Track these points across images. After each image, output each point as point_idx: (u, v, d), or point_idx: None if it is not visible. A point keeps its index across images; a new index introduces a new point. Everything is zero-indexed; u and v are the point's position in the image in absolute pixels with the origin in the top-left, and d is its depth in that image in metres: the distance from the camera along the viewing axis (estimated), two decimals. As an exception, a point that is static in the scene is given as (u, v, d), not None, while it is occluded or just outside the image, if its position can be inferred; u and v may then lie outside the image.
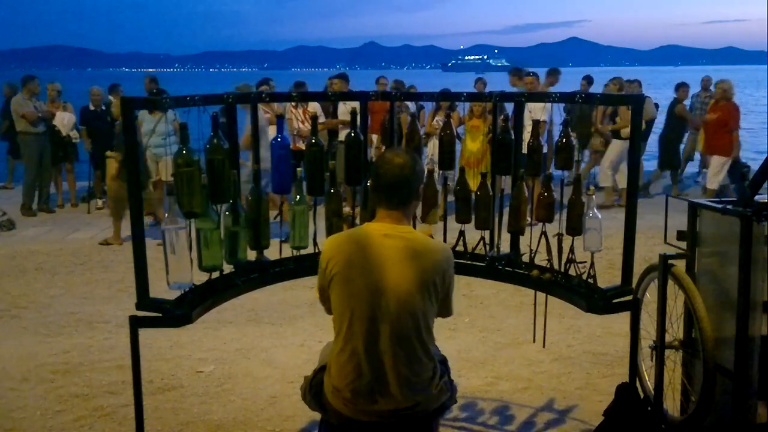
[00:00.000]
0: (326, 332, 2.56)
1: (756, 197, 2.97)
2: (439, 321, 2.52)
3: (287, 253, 3.27)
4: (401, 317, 2.34)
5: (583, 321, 5.12)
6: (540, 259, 3.24)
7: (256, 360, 4.67)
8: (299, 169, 3.23)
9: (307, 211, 3.24)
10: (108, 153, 9.89)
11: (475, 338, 5.03)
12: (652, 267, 3.43)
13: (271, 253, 3.29)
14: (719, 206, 3.11)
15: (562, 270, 3.14)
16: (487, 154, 8.09)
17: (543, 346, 4.10)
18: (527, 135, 3.27)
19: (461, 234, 3.41)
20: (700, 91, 11.39)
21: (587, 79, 11.24)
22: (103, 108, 10.39)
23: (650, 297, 3.48)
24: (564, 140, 3.16)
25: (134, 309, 2.84)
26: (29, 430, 3.75)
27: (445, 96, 3.69)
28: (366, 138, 3.35)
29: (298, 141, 8.63)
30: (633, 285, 3.09)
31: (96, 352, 4.80)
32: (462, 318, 5.43)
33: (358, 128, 3.31)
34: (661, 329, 3.30)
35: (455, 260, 2.56)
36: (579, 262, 3.09)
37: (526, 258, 3.29)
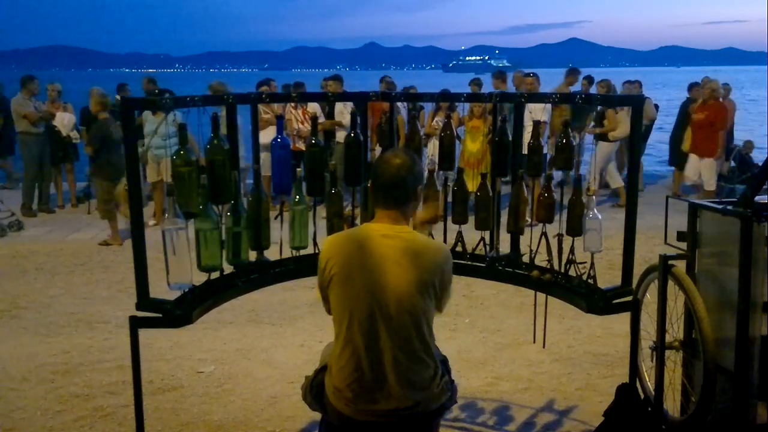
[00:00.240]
0: (326, 332, 2.56)
1: (756, 198, 2.97)
2: (439, 321, 2.52)
3: (287, 254, 3.27)
4: (401, 317, 2.34)
5: (584, 321, 5.12)
6: (540, 260, 3.24)
7: (257, 360, 4.67)
8: (299, 170, 3.23)
9: (307, 212, 3.23)
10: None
11: (476, 339, 5.03)
12: (652, 267, 3.43)
13: (271, 254, 3.29)
14: (719, 207, 3.11)
15: (563, 270, 3.14)
16: (487, 155, 8.08)
17: (543, 347, 4.09)
18: (527, 136, 3.27)
19: (459, 235, 3.40)
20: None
21: (588, 79, 11.24)
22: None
23: (650, 297, 3.48)
24: (564, 141, 3.16)
25: (134, 309, 2.84)
26: (29, 430, 3.75)
27: (445, 97, 3.69)
28: (366, 138, 3.35)
29: (298, 141, 8.64)
30: (633, 285, 3.10)
31: (96, 353, 4.81)
32: (462, 318, 5.43)
33: (358, 128, 3.31)
34: (662, 330, 3.29)
35: (455, 260, 2.56)
36: (579, 263, 3.09)
37: (527, 258, 3.29)
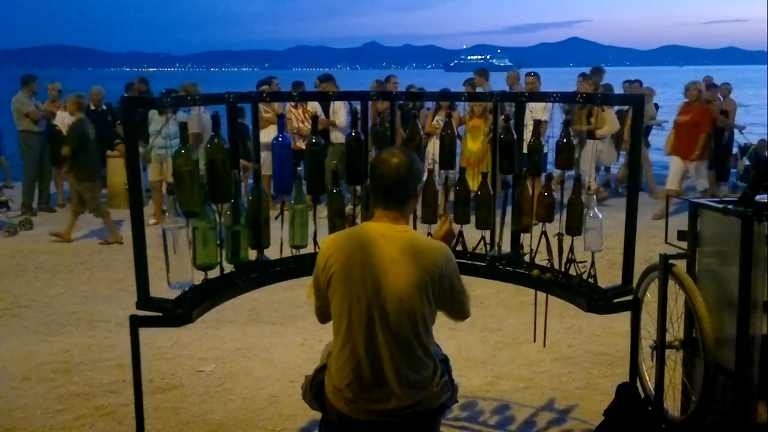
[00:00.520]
0: (327, 331, 2.56)
1: (757, 197, 2.97)
2: (440, 320, 2.51)
3: (287, 253, 3.27)
4: (400, 316, 2.33)
5: (584, 321, 5.12)
6: (540, 259, 3.24)
7: (257, 359, 4.67)
8: (299, 169, 3.23)
9: (307, 211, 3.23)
10: (109, 152, 9.95)
11: (476, 338, 5.03)
12: (653, 267, 3.43)
13: (272, 253, 3.29)
14: (720, 206, 3.11)
15: (563, 270, 3.14)
16: (488, 154, 8.09)
17: (543, 346, 4.09)
18: (528, 135, 3.27)
19: (460, 234, 3.40)
20: (702, 91, 11.45)
21: (583, 77, 11.21)
22: (104, 108, 10.41)
23: (651, 297, 3.48)
24: (564, 140, 3.16)
25: (135, 308, 2.84)
26: (30, 429, 3.75)
27: (446, 96, 3.69)
28: (367, 138, 3.35)
29: (298, 140, 8.64)
30: (633, 285, 3.10)
31: (96, 352, 4.81)
32: (462, 317, 5.43)
33: (359, 128, 3.31)
34: (662, 329, 3.29)
35: (456, 259, 2.55)
36: (579, 262, 3.09)
37: (527, 258, 3.29)
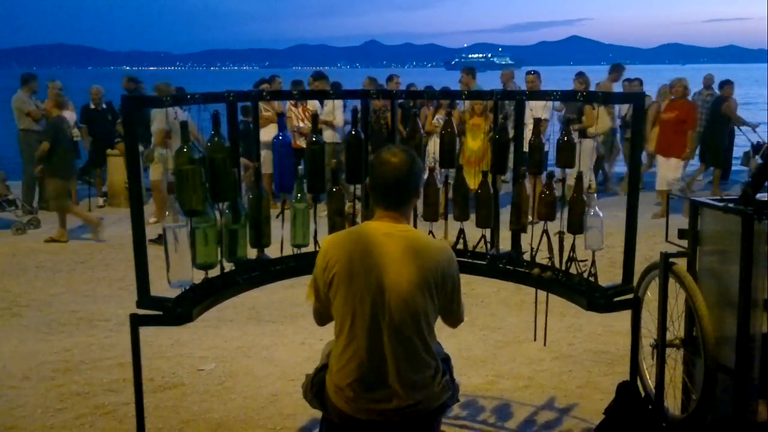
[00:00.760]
0: (327, 330, 2.56)
1: (757, 195, 2.97)
2: (439, 320, 2.51)
3: (288, 251, 3.27)
4: (402, 316, 2.33)
5: (584, 319, 5.12)
6: (541, 258, 3.24)
7: (257, 358, 4.67)
8: (300, 167, 3.23)
9: (308, 209, 3.23)
10: (109, 151, 9.95)
11: (476, 337, 5.03)
12: (653, 265, 3.43)
13: (272, 252, 3.29)
14: (720, 204, 3.11)
15: (563, 268, 3.14)
16: (488, 153, 8.07)
17: (544, 345, 4.09)
18: (528, 133, 3.27)
19: (461, 232, 3.40)
20: (702, 89, 11.43)
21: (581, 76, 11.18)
22: (104, 107, 10.41)
23: (651, 295, 3.48)
24: (565, 138, 3.16)
25: (135, 307, 2.84)
26: (30, 428, 3.75)
27: (446, 94, 3.69)
28: (367, 136, 3.35)
29: (299, 139, 8.64)
30: (634, 283, 3.09)
31: (97, 351, 4.81)
32: (463, 316, 5.43)
33: (359, 126, 3.30)
34: (662, 328, 3.29)
35: (456, 258, 2.55)
36: (580, 261, 3.09)
37: (527, 256, 3.29)
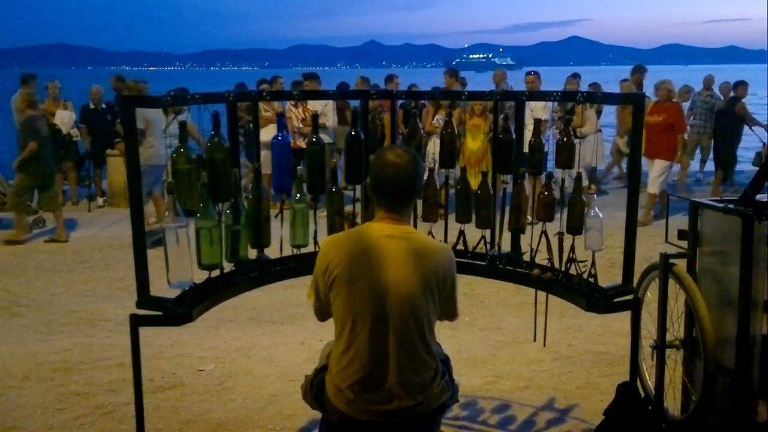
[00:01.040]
0: (327, 331, 2.56)
1: (757, 196, 2.97)
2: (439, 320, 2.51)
3: (288, 252, 3.27)
4: (404, 318, 2.33)
5: (584, 320, 5.12)
6: (541, 258, 3.24)
7: (257, 358, 4.67)
8: (299, 168, 3.22)
9: (308, 210, 3.23)
10: (108, 151, 9.95)
11: (476, 337, 5.03)
12: (653, 266, 3.43)
13: (272, 252, 3.29)
14: (720, 205, 3.11)
15: (563, 269, 3.13)
16: (488, 153, 8.08)
17: (543, 345, 4.09)
18: (528, 134, 3.26)
19: (461, 233, 3.40)
20: (702, 90, 11.42)
21: (575, 77, 11.15)
22: (104, 106, 10.41)
23: (651, 296, 3.48)
24: (565, 139, 3.16)
25: (135, 307, 2.83)
26: (30, 429, 3.75)
27: (446, 94, 3.69)
28: (367, 136, 3.34)
29: (298, 139, 8.64)
30: (634, 284, 3.09)
31: (96, 351, 4.80)
32: (462, 317, 5.43)
33: (359, 127, 3.30)
34: (662, 328, 3.29)
35: (456, 259, 2.55)
36: (580, 261, 3.08)
37: (527, 257, 3.29)
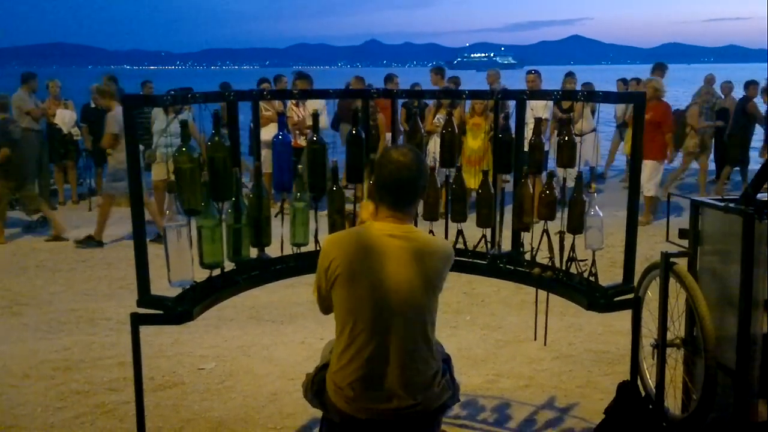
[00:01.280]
0: (327, 329, 2.56)
1: (758, 195, 2.97)
2: (440, 319, 2.51)
3: (288, 251, 3.27)
4: (406, 317, 2.33)
5: (584, 319, 5.11)
6: (541, 257, 3.24)
7: (257, 357, 4.67)
8: (300, 167, 3.22)
9: (308, 209, 3.23)
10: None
11: (476, 336, 5.03)
12: (654, 265, 3.43)
13: (272, 251, 3.29)
14: (721, 204, 3.11)
15: (564, 268, 3.13)
16: (489, 152, 8.07)
17: (544, 344, 4.09)
18: (529, 133, 3.26)
19: (459, 233, 3.40)
20: (702, 89, 11.38)
21: (570, 75, 11.04)
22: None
23: (651, 295, 3.48)
24: (566, 138, 3.16)
25: (135, 306, 2.84)
26: (30, 427, 3.75)
27: (447, 93, 3.69)
28: (368, 136, 3.34)
29: (299, 138, 8.64)
30: (634, 283, 3.09)
31: (97, 349, 4.81)
32: (463, 316, 5.43)
33: (360, 126, 3.30)
34: (663, 327, 3.29)
35: (457, 258, 2.56)
36: (580, 260, 3.08)
37: (528, 256, 3.29)
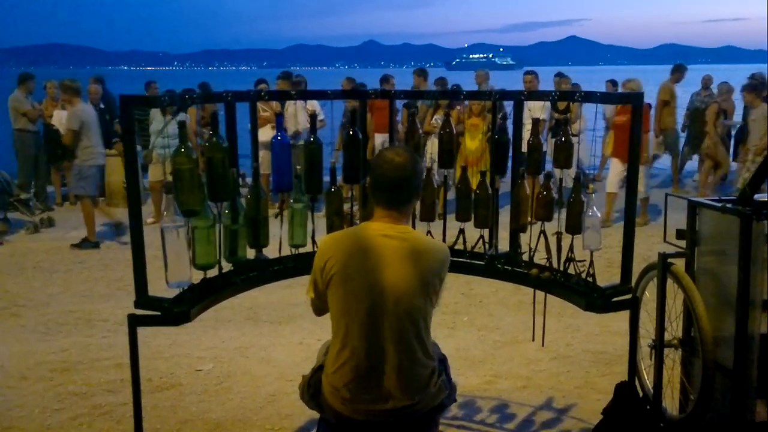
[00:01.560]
0: (325, 331, 2.56)
1: (755, 196, 2.97)
2: (438, 319, 2.52)
3: (286, 252, 3.27)
4: (401, 317, 2.33)
5: (582, 320, 5.12)
6: (539, 258, 3.24)
7: (255, 358, 4.67)
8: (298, 167, 3.22)
9: (306, 210, 3.23)
10: (107, 151, 9.93)
11: (474, 337, 5.03)
12: (652, 266, 3.43)
13: (270, 252, 3.29)
14: (718, 205, 3.11)
15: (562, 269, 3.13)
16: (486, 153, 8.09)
17: (542, 345, 4.09)
18: (527, 133, 3.26)
19: (461, 232, 3.40)
20: (701, 90, 11.43)
21: (560, 76, 10.91)
22: (102, 107, 10.39)
23: (649, 296, 3.48)
24: (563, 139, 3.16)
25: (133, 307, 2.83)
26: (28, 428, 3.75)
27: (445, 94, 3.69)
28: (366, 136, 3.35)
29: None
30: (632, 284, 3.09)
31: (94, 351, 4.80)
32: (461, 316, 5.43)
33: (357, 126, 3.30)
34: (660, 328, 3.30)
35: (455, 258, 2.55)
36: (578, 261, 3.08)
37: (526, 257, 3.29)
